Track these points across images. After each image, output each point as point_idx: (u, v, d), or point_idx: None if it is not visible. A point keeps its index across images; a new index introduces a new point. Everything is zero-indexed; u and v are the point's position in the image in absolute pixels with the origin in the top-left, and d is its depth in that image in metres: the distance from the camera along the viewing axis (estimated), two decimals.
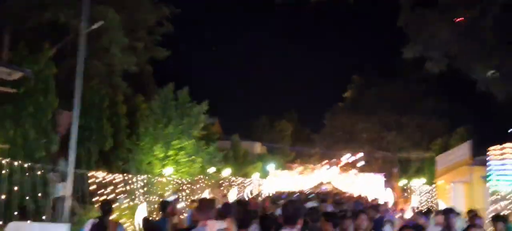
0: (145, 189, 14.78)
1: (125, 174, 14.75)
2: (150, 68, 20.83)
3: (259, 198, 20.21)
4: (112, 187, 13.25)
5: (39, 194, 10.39)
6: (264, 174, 37.31)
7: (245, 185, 29.22)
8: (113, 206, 8.66)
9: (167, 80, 17.58)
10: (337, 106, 43.89)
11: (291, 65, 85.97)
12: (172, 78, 17.51)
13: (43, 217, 10.43)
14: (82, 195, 12.70)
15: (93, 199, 12.66)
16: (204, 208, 4.97)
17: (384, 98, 38.41)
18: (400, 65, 44.86)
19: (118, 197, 14.15)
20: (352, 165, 43.55)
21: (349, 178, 42.77)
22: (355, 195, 34.07)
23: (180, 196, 16.54)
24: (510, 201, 14.71)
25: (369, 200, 28.72)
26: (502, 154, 15.38)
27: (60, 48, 16.09)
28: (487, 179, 15.58)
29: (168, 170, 15.99)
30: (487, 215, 15.20)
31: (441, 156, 23.01)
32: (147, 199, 14.47)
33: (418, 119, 36.78)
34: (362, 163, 42.41)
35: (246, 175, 32.01)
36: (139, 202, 13.79)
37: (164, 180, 15.98)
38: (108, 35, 14.37)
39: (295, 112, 58.11)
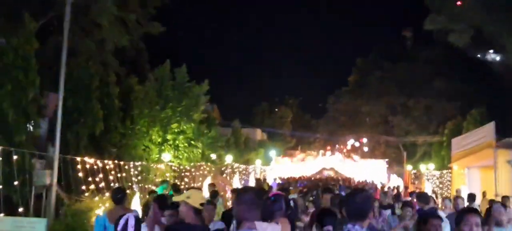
0: (140, 177, 13.34)
1: (117, 161, 13.40)
2: (144, 46, 19.22)
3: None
4: (103, 175, 11.81)
5: (16, 182, 8.96)
6: (266, 161, 36.07)
7: (249, 171, 27.91)
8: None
9: (162, 60, 16.04)
10: (340, 90, 42.55)
11: (292, 50, 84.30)
12: (168, 57, 15.96)
13: (20, 209, 9.01)
14: (69, 183, 11.38)
15: (82, 187, 11.29)
16: (249, 204, 3.54)
17: (390, 81, 37.12)
18: (406, 47, 43.87)
19: (112, 185, 12.78)
20: (355, 150, 42.27)
21: (352, 164, 41.87)
22: (357, 181, 33.26)
23: (181, 184, 15.11)
24: None
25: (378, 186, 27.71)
26: None
27: (45, 24, 14.60)
28: None
29: (166, 156, 14.56)
30: None
31: (457, 139, 21.58)
32: (143, 187, 13.05)
33: (426, 102, 35.44)
34: (366, 149, 41.11)
35: (247, 162, 30.73)
36: (134, 191, 12.39)
37: (162, 166, 14.57)
38: (97, 4, 12.84)
39: (295, 99, 56.83)
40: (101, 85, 15.03)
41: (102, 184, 11.52)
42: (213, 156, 17.61)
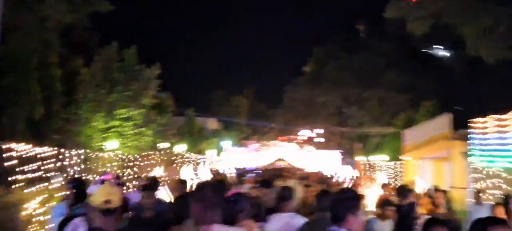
0: (83, 166, 12.29)
1: (56, 148, 12.30)
2: (92, 26, 17.91)
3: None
4: (39, 163, 10.73)
5: None
6: (220, 151, 35.38)
7: (200, 161, 27.10)
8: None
9: (111, 41, 14.91)
10: (297, 80, 42.26)
11: (248, 39, 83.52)
12: (117, 39, 14.87)
13: None
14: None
15: (16, 177, 10.18)
16: (210, 206, 3.11)
17: (346, 72, 37.12)
18: (361, 37, 44.08)
19: (51, 175, 11.71)
20: (310, 141, 42.21)
21: (306, 154, 41.79)
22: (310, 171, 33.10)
23: (126, 174, 14.16)
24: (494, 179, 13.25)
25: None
26: (484, 128, 13.90)
27: None
28: (469, 154, 14.08)
29: (112, 144, 13.54)
30: (469, 193, 13.85)
31: (409, 131, 21.60)
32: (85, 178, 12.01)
33: (379, 93, 35.67)
34: (321, 139, 41.11)
35: (200, 152, 29.91)
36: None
37: (106, 155, 13.55)
38: None
39: (251, 88, 56.21)
40: (42, 65, 13.83)
41: (38, 174, 10.45)
42: (163, 145, 16.67)
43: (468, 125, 14.20)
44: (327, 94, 38.13)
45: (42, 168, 10.78)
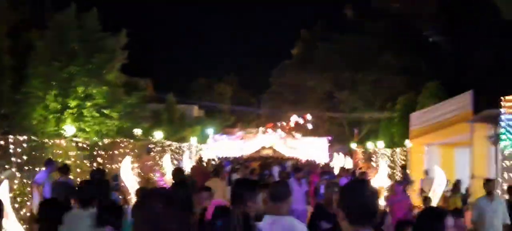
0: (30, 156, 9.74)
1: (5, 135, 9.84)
2: None
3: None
4: None
5: None
6: (203, 139, 33.05)
7: (183, 150, 24.77)
8: None
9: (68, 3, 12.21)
10: (284, 63, 39.84)
11: (231, 22, 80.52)
12: (75, 1, 12.19)
13: None
14: None
15: None
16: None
17: (336, 54, 34.80)
18: (349, 19, 41.81)
19: None
20: (299, 127, 40.07)
21: (293, 142, 39.92)
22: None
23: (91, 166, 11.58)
24: None
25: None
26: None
27: None
28: (500, 138, 11.81)
29: (69, 129, 10.98)
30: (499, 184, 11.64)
31: (417, 114, 19.38)
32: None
33: (373, 76, 33.49)
34: (310, 126, 38.93)
35: (182, 140, 27.51)
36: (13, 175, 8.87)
37: (63, 142, 11.00)
38: None
39: (235, 75, 53.96)
40: None
41: None
42: (136, 131, 14.06)
43: (499, 103, 11.90)
44: (316, 78, 35.86)
45: None
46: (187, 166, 18.75)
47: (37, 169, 9.72)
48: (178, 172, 7.99)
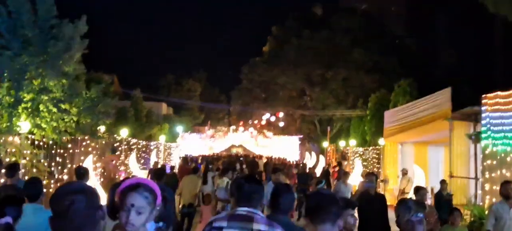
0: None
1: None
2: None
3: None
4: None
5: None
6: (172, 137, 31.99)
7: (151, 149, 23.73)
8: None
9: None
10: (254, 60, 39.08)
11: (201, 17, 79.25)
12: None
13: None
14: None
15: None
16: None
17: (307, 51, 34.30)
18: (319, 16, 41.47)
19: None
20: (270, 125, 39.46)
21: (263, 140, 39.41)
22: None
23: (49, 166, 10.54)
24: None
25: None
26: (495, 104, 11.19)
27: None
28: (481, 136, 11.37)
29: (24, 125, 9.94)
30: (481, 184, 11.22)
31: (391, 112, 18.97)
32: None
33: (344, 74, 33.18)
34: (281, 124, 38.34)
35: (150, 138, 26.44)
36: None
37: (16, 140, 9.94)
38: None
39: (204, 72, 52.87)
40: None
41: None
42: (99, 128, 13.02)
43: (481, 101, 11.43)
44: (287, 75, 35.30)
45: None
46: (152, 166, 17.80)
47: None
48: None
